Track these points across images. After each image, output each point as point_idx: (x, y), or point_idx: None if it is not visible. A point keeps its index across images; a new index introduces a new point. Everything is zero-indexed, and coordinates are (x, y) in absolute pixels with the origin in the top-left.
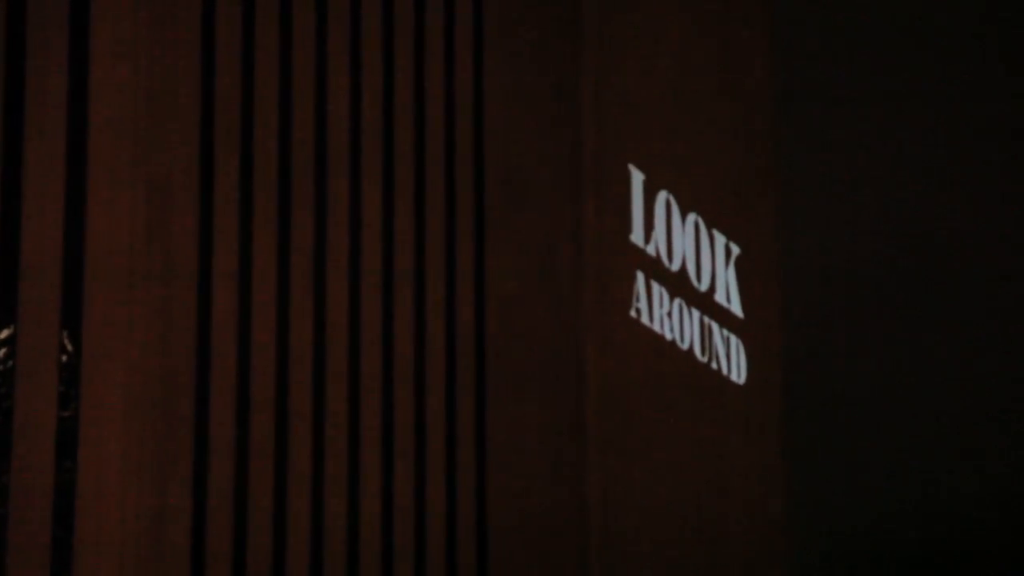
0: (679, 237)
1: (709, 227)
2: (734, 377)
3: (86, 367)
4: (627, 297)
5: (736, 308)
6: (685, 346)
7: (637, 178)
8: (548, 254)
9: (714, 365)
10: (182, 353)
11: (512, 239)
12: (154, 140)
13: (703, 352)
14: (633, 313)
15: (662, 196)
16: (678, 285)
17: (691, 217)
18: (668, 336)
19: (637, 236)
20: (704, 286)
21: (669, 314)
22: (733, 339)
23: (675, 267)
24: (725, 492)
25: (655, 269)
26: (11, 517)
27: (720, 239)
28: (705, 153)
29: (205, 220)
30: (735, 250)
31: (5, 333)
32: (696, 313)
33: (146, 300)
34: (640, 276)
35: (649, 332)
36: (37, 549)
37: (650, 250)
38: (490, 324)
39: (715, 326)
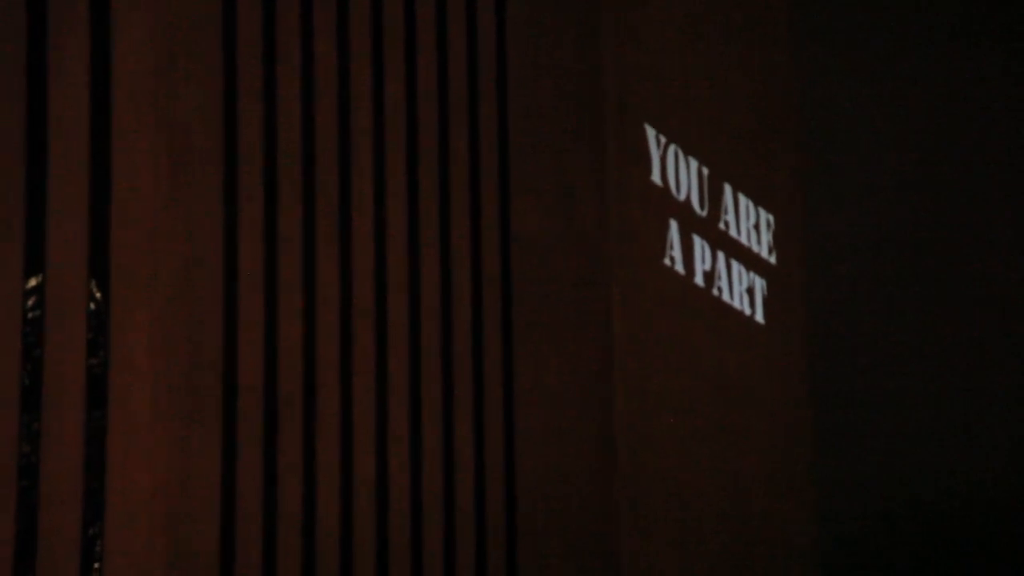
0: (693, 179)
1: (728, 173)
2: (759, 319)
3: (114, 314)
4: (651, 239)
5: (764, 253)
6: (714, 290)
7: (657, 125)
8: (571, 196)
9: (741, 309)
10: (209, 299)
11: (535, 181)
12: (176, 88)
13: (731, 296)
14: (662, 257)
15: (680, 143)
16: (703, 228)
17: (708, 161)
18: (695, 279)
19: (659, 180)
20: (730, 231)
21: (696, 257)
22: (759, 282)
23: (702, 212)
24: (750, 437)
25: (680, 212)
26: (42, 466)
27: (740, 183)
28: (725, 101)
29: (229, 167)
30: (759, 200)
31: (33, 282)
32: (723, 256)
33: (172, 247)
34: (665, 219)
35: (676, 275)
36: (68, 497)
37: (675, 193)
38: (515, 267)
39: (743, 270)
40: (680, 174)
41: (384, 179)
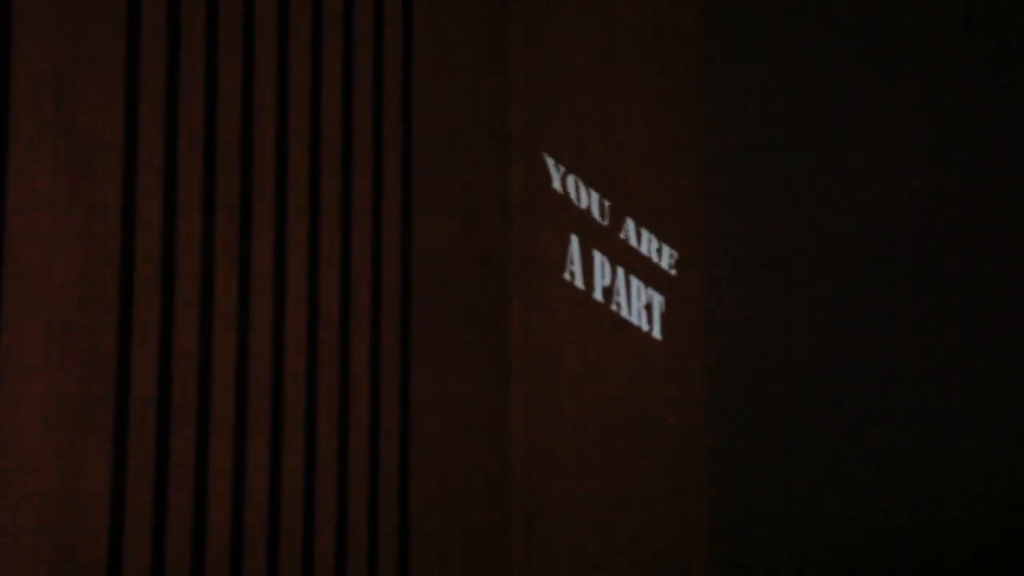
0: (595, 199)
1: (632, 197)
2: (657, 335)
3: (6, 318)
4: (553, 255)
5: (664, 265)
6: (612, 306)
7: (559, 148)
8: (474, 214)
9: (638, 323)
10: (105, 306)
11: (439, 198)
12: (76, 92)
13: (629, 310)
14: (562, 272)
15: (586, 160)
16: (605, 243)
17: (615, 183)
18: (594, 294)
19: (564, 197)
20: (632, 242)
21: (595, 272)
22: (658, 297)
23: (601, 224)
24: (648, 451)
25: (582, 227)
26: None
27: (643, 208)
28: (631, 119)
29: (128, 174)
30: (660, 218)
31: None
32: (622, 271)
33: (68, 253)
34: (567, 234)
35: (575, 290)
36: None
37: (577, 208)
38: (416, 282)
39: (641, 285)
40: (580, 195)
41: (286, 194)
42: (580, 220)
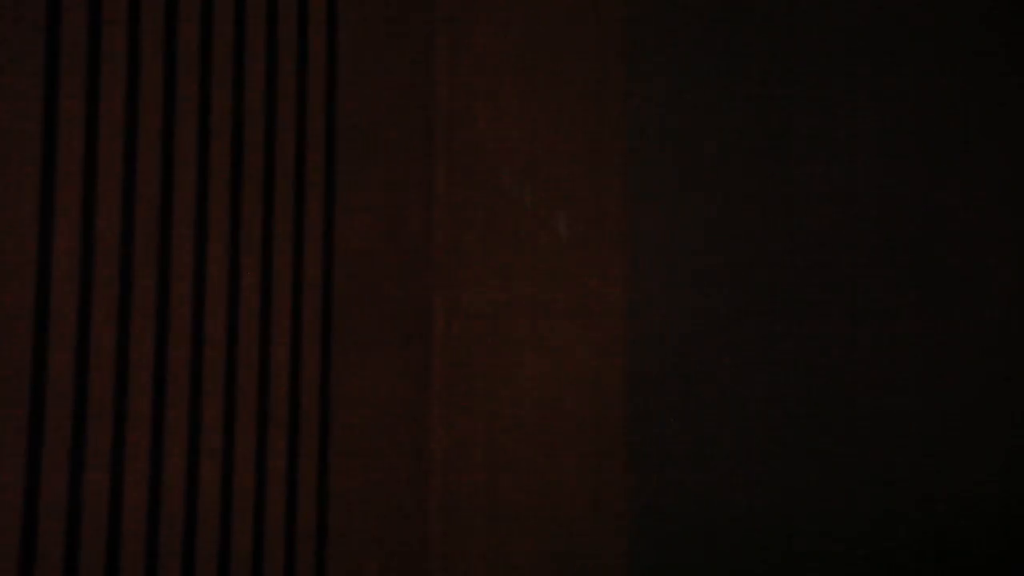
0: (518, 195)
1: (556, 193)
2: (580, 336)
3: None
4: (475, 254)
5: (586, 267)
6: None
7: (485, 136)
8: (398, 212)
9: (561, 323)
10: (20, 303)
11: (361, 196)
12: None
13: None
14: (483, 268)
15: (510, 157)
16: (529, 238)
17: (538, 179)
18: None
19: (487, 194)
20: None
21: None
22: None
23: (526, 219)
24: (566, 450)
25: (505, 223)
26: None
27: (567, 203)
28: (556, 115)
29: (48, 167)
30: (577, 211)
31: None
32: None
33: None
34: (490, 230)
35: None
36: None
37: (500, 204)
38: (338, 280)
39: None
40: (504, 191)
41: (207, 185)
42: (504, 215)
